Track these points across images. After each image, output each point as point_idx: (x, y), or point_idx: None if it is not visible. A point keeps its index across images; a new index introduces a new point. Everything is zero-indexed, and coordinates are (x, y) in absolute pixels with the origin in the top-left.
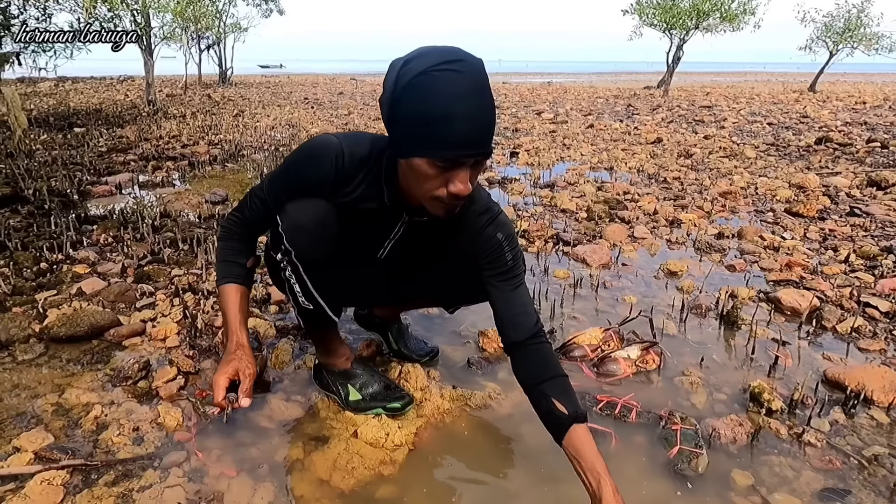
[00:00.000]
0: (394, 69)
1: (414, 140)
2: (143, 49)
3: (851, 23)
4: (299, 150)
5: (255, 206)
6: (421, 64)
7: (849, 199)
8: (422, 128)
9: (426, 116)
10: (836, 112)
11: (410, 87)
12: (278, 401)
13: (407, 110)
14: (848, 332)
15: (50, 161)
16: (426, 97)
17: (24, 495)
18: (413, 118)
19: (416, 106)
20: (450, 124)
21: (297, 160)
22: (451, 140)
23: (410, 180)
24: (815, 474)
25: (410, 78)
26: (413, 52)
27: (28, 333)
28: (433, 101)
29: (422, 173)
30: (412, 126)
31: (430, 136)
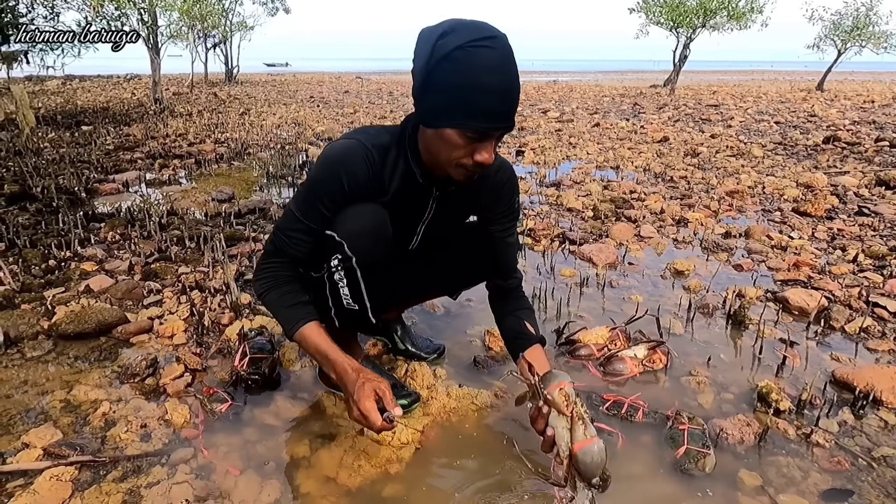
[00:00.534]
0: (428, 41)
1: (447, 110)
2: (150, 47)
3: (860, 21)
4: (324, 165)
5: (299, 239)
6: (458, 38)
7: (857, 198)
8: (456, 99)
9: (462, 88)
10: (845, 111)
11: (448, 59)
12: (285, 399)
13: (443, 82)
14: (856, 332)
15: (58, 159)
16: (463, 71)
17: (32, 491)
18: (449, 89)
19: (453, 78)
20: (483, 97)
21: (326, 175)
22: (483, 112)
23: (437, 148)
24: (823, 475)
25: (448, 51)
26: (446, 25)
27: (37, 330)
28: (470, 74)
29: (451, 142)
30: (447, 97)
31: (464, 107)
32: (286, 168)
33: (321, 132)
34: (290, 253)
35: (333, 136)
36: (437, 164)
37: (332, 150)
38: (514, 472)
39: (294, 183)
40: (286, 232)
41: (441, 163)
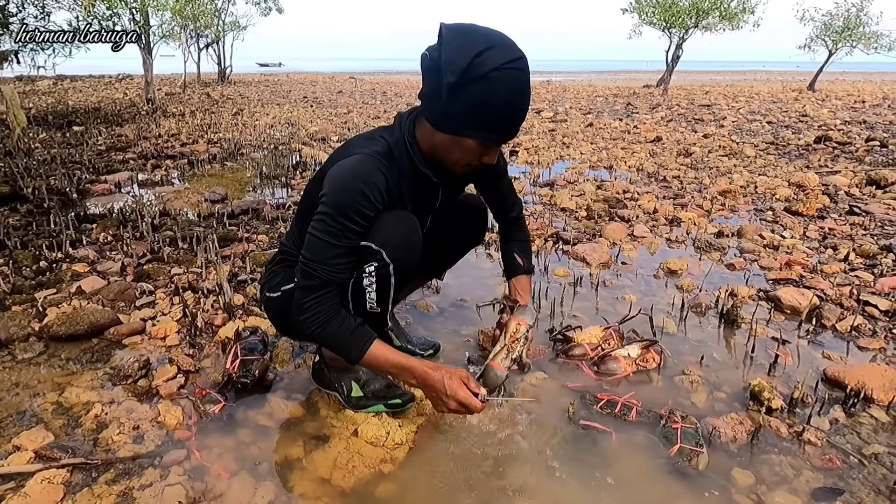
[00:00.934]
0: (463, 56)
1: (472, 123)
2: (142, 47)
3: (851, 21)
4: (342, 185)
5: (341, 263)
6: (495, 59)
7: (848, 197)
8: (483, 115)
9: (493, 107)
10: (836, 111)
11: (485, 79)
12: (278, 399)
13: (476, 99)
14: (848, 330)
15: (49, 159)
16: (498, 92)
17: (24, 494)
18: (478, 105)
19: (487, 98)
20: (508, 115)
21: (349, 194)
22: (505, 128)
23: (449, 151)
24: (815, 473)
25: (486, 72)
26: (482, 41)
27: (28, 332)
28: (501, 95)
29: (467, 149)
30: (476, 112)
31: (488, 122)
32: (279, 168)
33: (315, 132)
34: (336, 281)
35: (327, 136)
36: (443, 163)
37: (344, 170)
38: (509, 472)
39: (288, 183)
40: (326, 262)
41: (449, 163)
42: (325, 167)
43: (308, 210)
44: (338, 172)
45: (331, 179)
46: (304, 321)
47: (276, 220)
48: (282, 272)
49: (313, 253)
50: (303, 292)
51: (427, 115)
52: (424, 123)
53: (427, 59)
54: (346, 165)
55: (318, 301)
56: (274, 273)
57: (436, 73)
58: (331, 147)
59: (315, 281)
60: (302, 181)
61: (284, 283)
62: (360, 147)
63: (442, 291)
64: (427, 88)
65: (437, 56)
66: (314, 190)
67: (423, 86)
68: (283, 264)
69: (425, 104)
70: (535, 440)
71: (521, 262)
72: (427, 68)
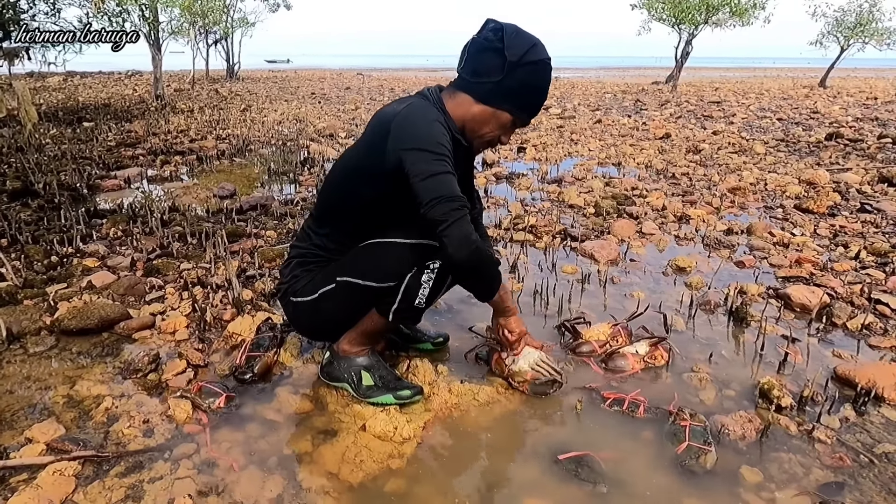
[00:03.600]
0: (523, 44)
1: (515, 99)
2: (151, 44)
3: (863, 17)
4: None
5: (454, 182)
6: (541, 52)
7: (859, 195)
8: (527, 95)
9: (535, 90)
10: (847, 108)
11: (535, 65)
12: (287, 394)
13: (526, 79)
14: (858, 329)
15: (59, 155)
16: (541, 78)
17: (36, 486)
18: (526, 87)
19: (533, 80)
20: (540, 101)
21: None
22: (534, 110)
23: (484, 122)
24: (825, 471)
25: (537, 59)
26: (532, 37)
27: (39, 326)
28: (542, 83)
29: (500, 122)
30: (522, 90)
31: (526, 101)
32: (287, 165)
33: (322, 129)
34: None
35: (335, 132)
36: (472, 134)
37: (419, 110)
38: (515, 467)
39: (296, 179)
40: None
41: (478, 133)
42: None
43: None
44: (414, 112)
45: (408, 124)
46: (475, 251)
47: (285, 217)
48: (305, 276)
49: (447, 189)
50: (459, 225)
51: (472, 87)
52: (460, 96)
53: (484, 42)
54: (418, 106)
55: (473, 231)
56: (296, 277)
57: (496, 53)
58: (339, 143)
59: (464, 210)
60: (310, 177)
61: (320, 285)
62: (409, 98)
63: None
64: (478, 65)
65: (495, 40)
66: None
67: (471, 64)
68: (304, 267)
69: (473, 79)
70: (541, 436)
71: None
72: (483, 49)
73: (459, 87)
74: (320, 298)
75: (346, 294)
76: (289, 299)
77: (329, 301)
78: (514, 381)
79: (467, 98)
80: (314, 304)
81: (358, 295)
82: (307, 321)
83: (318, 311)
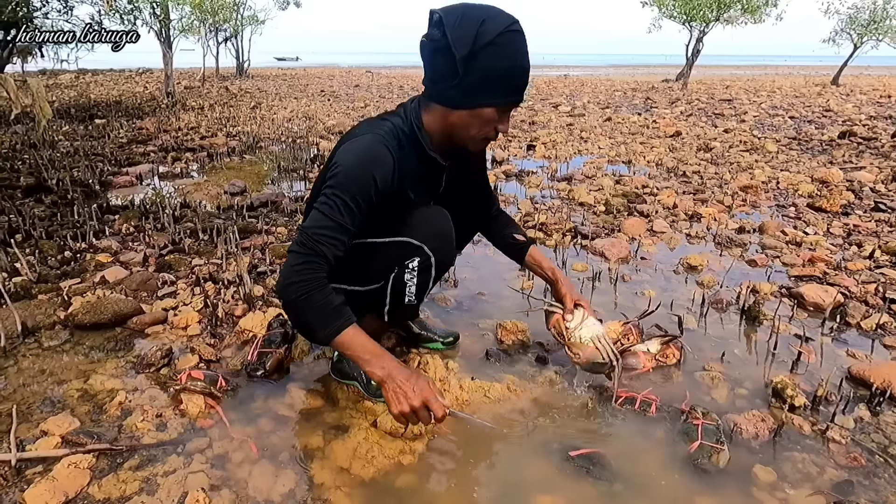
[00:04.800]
0: (469, 28)
1: (489, 90)
2: (162, 42)
3: (877, 14)
4: (354, 163)
5: (333, 238)
6: (497, 25)
7: (873, 193)
8: (500, 79)
9: (506, 70)
10: (860, 105)
11: (493, 45)
12: (298, 390)
13: (489, 65)
14: (873, 328)
15: (72, 152)
16: (508, 55)
17: (51, 478)
18: (494, 71)
19: (499, 61)
20: (520, 76)
21: (359, 173)
22: (518, 89)
23: (467, 127)
24: (839, 471)
25: (492, 38)
26: (480, 12)
27: (53, 320)
28: (509, 57)
29: (486, 119)
30: (492, 78)
31: (502, 86)
32: (297, 162)
33: (332, 126)
34: (322, 252)
35: (344, 129)
36: (457, 142)
37: (354, 150)
38: (526, 464)
39: (306, 176)
40: (319, 234)
41: (469, 136)
42: (334, 152)
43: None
44: (348, 151)
45: (341, 159)
46: (288, 286)
47: (295, 213)
48: None
49: (311, 222)
50: (293, 256)
51: (438, 96)
52: (433, 107)
53: (430, 44)
54: (357, 145)
55: (304, 269)
56: None
57: (445, 53)
58: None
59: (305, 248)
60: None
61: None
62: (369, 128)
63: (460, 285)
64: (434, 72)
65: (439, 37)
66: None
67: (428, 72)
68: None
69: (435, 87)
70: (552, 432)
71: (521, 239)
72: (432, 51)
73: (428, 97)
74: None
75: None
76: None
77: None
78: (570, 350)
79: (439, 108)
80: None
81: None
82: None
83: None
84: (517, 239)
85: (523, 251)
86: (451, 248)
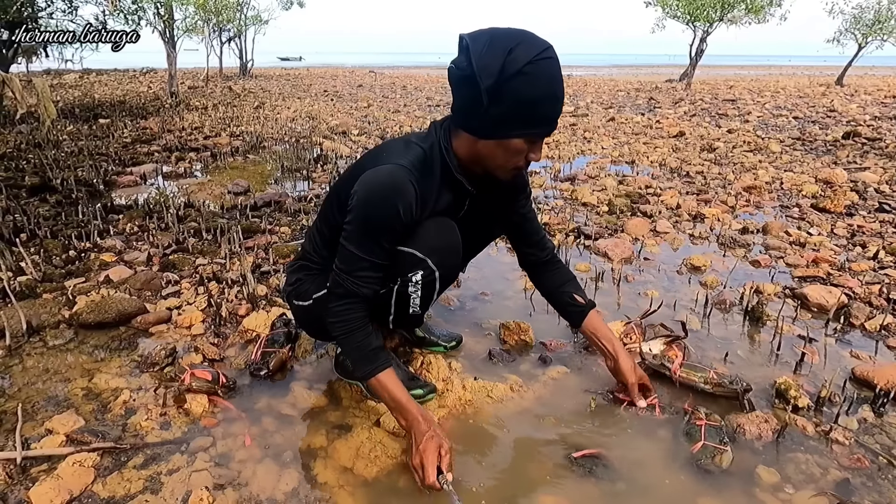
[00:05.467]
0: (494, 57)
1: (515, 122)
2: (166, 41)
3: (882, 14)
4: (377, 199)
5: (369, 277)
6: (525, 53)
7: (878, 194)
8: (526, 110)
9: (535, 100)
10: (865, 106)
11: (521, 74)
12: (301, 389)
13: (515, 95)
14: (877, 329)
15: (76, 151)
16: (537, 84)
17: (56, 476)
18: (519, 102)
19: (528, 91)
20: (551, 105)
21: (383, 210)
22: (548, 119)
23: (494, 156)
24: (842, 472)
25: (520, 67)
26: (508, 40)
27: (58, 319)
28: (539, 87)
29: (514, 150)
30: (517, 109)
31: (531, 117)
32: (301, 161)
33: (335, 126)
34: (362, 294)
35: (347, 129)
36: (485, 170)
37: (379, 181)
38: (530, 465)
39: (309, 176)
40: (355, 275)
41: (497, 165)
42: (356, 170)
43: (333, 212)
44: (373, 182)
45: (363, 189)
46: (332, 325)
47: (298, 213)
48: (309, 280)
49: (345, 264)
50: (333, 298)
51: (465, 125)
52: (461, 134)
53: (456, 71)
54: (382, 176)
55: (346, 309)
56: (301, 281)
57: (470, 82)
58: (351, 141)
59: (342, 290)
60: (323, 174)
61: (314, 291)
62: (395, 155)
63: (463, 285)
64: (462, 100)
65: (466, 65)
66: (344, 190)
67: (455, 98)
68: (307, 271)
69: (462, 116)
70: (555, 433)
71: (581, 301)
72: (459, 79)
73: (457, 125)
74: (315, 304)
75: None
76: (293, 301)
77: (323, 307)
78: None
79: (466, 137)
80: (310, 309)
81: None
82: (305, 323)
83: (315, 315)
84: (576, 301)
85: (582, 315)
86: (457, 262)
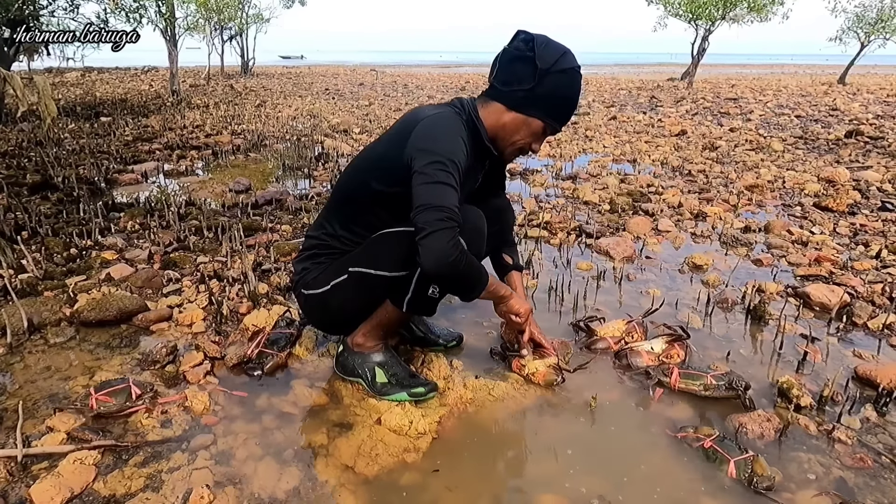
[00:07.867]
0: (554, 53)
1: (546, 107)
2: (168, 40)
3: (884, 13)
4: (447, 135)
5: (455, 195)
6: (570, 61)
7: (880, 193)
8: (558, 103)
9: (565, 98)
10: (867, 105)
11: (565, 73)
12: (302, 387)
13: (556, 87)
14: (880, 328)
15: (78, 149)
16: (571, 86)
17: (57, 473)
18: (557, 94)
19: (563, 89)
20: (571, 109)
21: (455, 144)
22: (565, 118)
23: (516, 129)
24: (845, 472)
25: (566, 68)
26: (561, 47)
27: (59, 317)
28: (573, 91)
29: (532, 129)
30: (554, 98)
31: (558, 110)
32: (302, 160)
33: (337, 124)
34: (460, 220)
35: (349, 128)
36: (503, 142)
37: (445, 120)
38: (531, 462)
39: (311, 174)
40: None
41: (510, 141)
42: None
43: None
44: (442, 122)
45: (431, 129)
46: (456, 260)
47: (300, 211)
48: (316, 268)
49: (441, 199)
50: (446, 234)
51: (503, 97)
52: (491, 104)
53: (514, 52)
54: (447, 117)
55: (460, 241)
56: (307, 270)
57: (528, 62)
58: (353, 139)
59: (452, 223)
60: (324, 172)
61: (332, 276)
62: (443, 107)
63: None
64: (511, 75)
65: (525, 49)
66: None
67: (501, 74)
68: (314, 260)
69: (505, 88)
70: (555, 431)
71: (509, 261)
72: (514, 58)
73: (491, 96)
74: (332, 290)
75: (359, 285)
76: (301, 291)
77: (341, 292)
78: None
79: (499, 107)
80: (326, 296)
81: (371, 285)
82: (319, 313)
83: (331, 302)
84: (504, 260)
85: (504, 271)
86: (482, 246)
